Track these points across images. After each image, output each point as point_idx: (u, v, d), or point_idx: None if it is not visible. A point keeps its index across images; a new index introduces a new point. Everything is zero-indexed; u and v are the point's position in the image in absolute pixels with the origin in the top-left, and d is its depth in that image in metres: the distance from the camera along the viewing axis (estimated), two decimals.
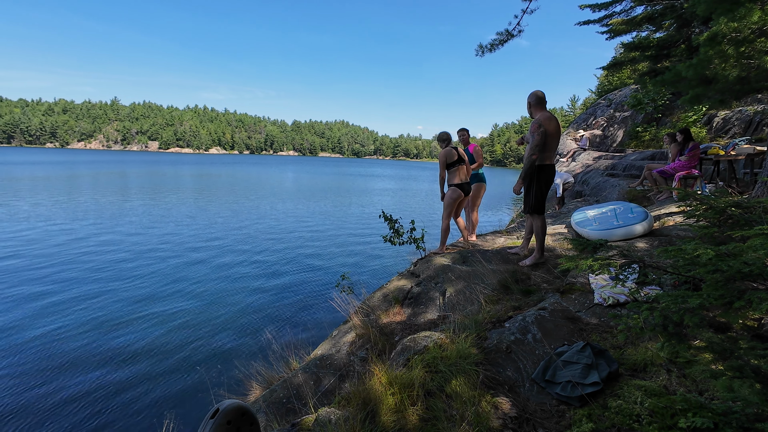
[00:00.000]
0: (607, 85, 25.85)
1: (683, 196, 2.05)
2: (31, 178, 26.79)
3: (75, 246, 9.98)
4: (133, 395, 4.22)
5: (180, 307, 6.53)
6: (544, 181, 3.83)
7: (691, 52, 9.62)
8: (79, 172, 34.21)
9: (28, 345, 5.17)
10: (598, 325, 2.52)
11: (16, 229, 11.51)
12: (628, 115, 16.13)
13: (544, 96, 3.80)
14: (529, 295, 3.24)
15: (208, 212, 16.15)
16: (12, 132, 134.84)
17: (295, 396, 2.78)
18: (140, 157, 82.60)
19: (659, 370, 1.91)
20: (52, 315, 6.05)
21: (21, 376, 4.50)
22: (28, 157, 62.49)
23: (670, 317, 1.21)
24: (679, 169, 6.38)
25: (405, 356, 2.42)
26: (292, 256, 10.01)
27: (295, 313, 6.55)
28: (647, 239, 4.10)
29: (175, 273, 8.28)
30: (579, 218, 5.00)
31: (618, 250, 1.72)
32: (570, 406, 1.84)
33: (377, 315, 3.69)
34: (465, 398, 1.85)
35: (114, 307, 6.44)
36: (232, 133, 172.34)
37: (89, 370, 4.66)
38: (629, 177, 9.42)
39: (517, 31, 6.06)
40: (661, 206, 5.90)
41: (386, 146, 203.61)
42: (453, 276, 3.99)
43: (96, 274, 7.96)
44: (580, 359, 2.02)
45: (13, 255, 8.99)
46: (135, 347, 5.21)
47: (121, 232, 11.80)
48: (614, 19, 12.99)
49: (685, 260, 1.27)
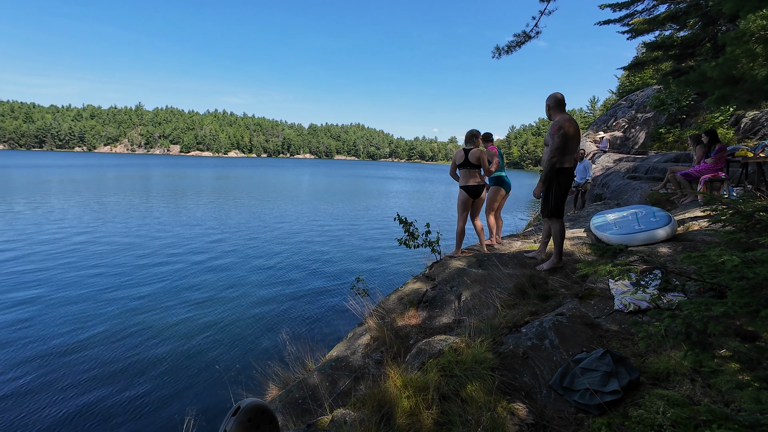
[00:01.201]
0: (629, 86, 25.23)
1: (709, 199, 1.99)
2: (71, 180, 27.95)
3: (97, 247, 10.35)
4: (155, 392, 4.35)
5: (198, 308, 6.69)
6: (564, 185, 3.78)
7: (716, 51, 9.30)
8: (111, 174, 35.49)
9: (52, 347, 5.39)
10: (619, 332, 2.46)
11: (26, 230, 12.02)
12: (651, 116, 15.70)
13: (563, 98, 3.77)
14: (546, 300, 3.19)
15: (226, 215, 16.49)
16: (43, 137, 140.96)
17: (310, 397, 2.81)
18: (163, 161, 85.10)
19: (683, 379, 1.86)
20: (83, 316, 6.29)
21: (49, 374, 4.69)
22: (60, 160, 65.22)
23: (694, 325, 1.18)
24: (704, 171, 6.18)
25: (420, 359, 2.42)
26: (307, 259, 10.12)
27: (311, 314, 6.61)
28: (670, 244, 3.98)
29: (193, 275, 8.49)
30: (599, 222, 4.89)
31: (639, 255, 1.68)
32: (589, 414, 1.80)
33: (392, 318, 3.70)
34: (480, 403, 1.84)
35: (135, 306, 6.65)
36: (250, 136, 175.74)
37: (113, 367, 4.82)
38: (652, 180, 9.16)
39: (534, 33, 5.99)
40: (685, 210, 5.72)
41: (401, 149, 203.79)
42: (468, 280, 3.96)
43: (117, 277, 8.23)
44: (599, 367, 1.98)
45: (20, 256, 9.39)
46: (156, 347, 5.36)
47: (141, 234, 12.17)
48: (636, 19, 12.68)
49: (709, 267, 1.24)
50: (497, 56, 6.24)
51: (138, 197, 20.98)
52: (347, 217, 17.24)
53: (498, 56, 6.25)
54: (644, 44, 13.19)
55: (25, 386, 4.39)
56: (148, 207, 17.54)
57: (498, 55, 6.24)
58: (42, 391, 4.30)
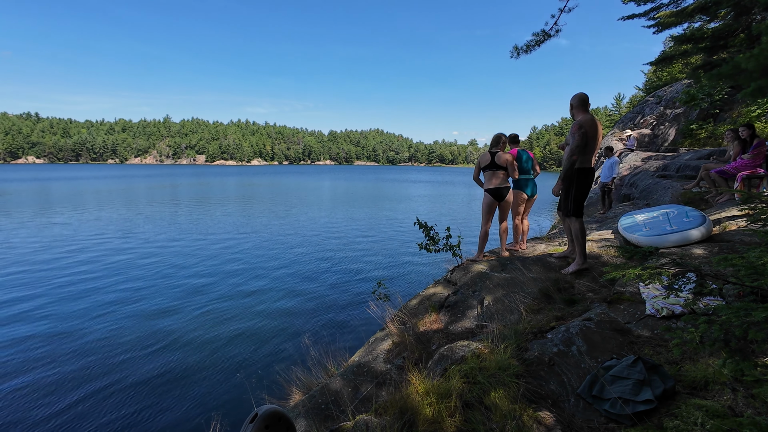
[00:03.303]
0: (656, 81, 24.26)
1: (747, 197, 1.89)
2: (113, 191, 29.38)
3: (120, 256, 10.79)
4: (181, 399, 4.46)
5: (221, 315, 6.85)
6: (585, 185, 3.76)
7: (751, 41, 8.84)
8: (144, 185, 37.08)
9: (82, 353, 5.63)
10: (651, 338, 2.35)
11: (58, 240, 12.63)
12: (681, 112, 15.04)
13: (587, 98, 3.77)
14: (572, 305, 3.09)
15: (249, 220, 16.86)
16: (79, 150, 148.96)
17: (333, 402, 2.81)
18: (190, 170, 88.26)
19: (723, 389, 1.75)
20: (109, 318, 6.57)
21: (68, 382, 4.90)
22: (97, 172, 68.70)
23: (733, 331, 1.11)
24: (741, 168, 5.86)
25: (442, 365, 2.39)
26: (328, 264, 10.20)
27: (332, 319, 6.65)
28: (705, 245, 3.78)
29: (214, 283, 8.70)
30: (627, 223, 4.71)
31: (670, 257, 1.60)
32: (620, 424, 1.72)
33: (413, 323, 3.67)
34: (505, 411, 1.79)
35: (158, 312, 6.87)
36: (272, 144, 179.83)
37: (141, 370, 4.99)
38: (683, 178, 8.75)
39: (554, 31, 5.86)
40: (721, 209, 5.43)
41: (421, 153, 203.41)
42: (491, 284, 3.89)
43: (138, 285, 8.54)
44: (630, 374, 1.89)
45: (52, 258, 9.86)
46: (181, 353, 5.52)
47: (163, 239, 12.60)
48: (662, 12, 12.20)
49: (748, 269, 1.16)
50: (516, 56, 6.13)
51: (167, 206, 21.78)
52: (368, 222, 17.30)
53: (517, 56, 6.14)
54: (672, 38, 12.66)
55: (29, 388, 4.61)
56: (173, 215, 18.17)
57: (517, 55, 6.13)
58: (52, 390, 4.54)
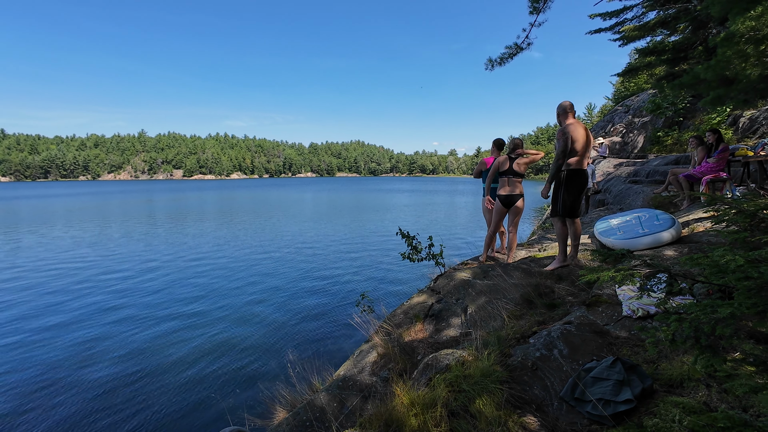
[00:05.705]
0: (624, 91, 25.43)
1: (710, 200, 1.98)
2: (82, 209, 28.25)
3: (92, 272, 10.37)
4: (156, 417, 4.27)
5: (199, 330, 6.63)
6: (573, 186, 3.93)
7: (709, 53, 9.41)
8: (116, 201, 35.86)
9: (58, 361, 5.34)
10: (629, 338, 2.41)
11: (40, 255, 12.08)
12: (648, 120, 15.77)
13: (569, 105, 3.99)
14: (553, 309, 3.15)
15: (229, 234, 16.52)
16: (48, 167, 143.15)
17: (318, 419, 2.75)
18: (166, 185, 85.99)
19: (698, 385, 1.81)
20: (81, 336, 6.26)
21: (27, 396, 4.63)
22: (66, 190, 66.05)
23: (702, 328, 1.16)
24: (706, 172, 6.16)
25: (427, 375, 2.38)
26: (312, 276, 10.07)
27: (317, 333, 6.54)
28: (676, 247, 3.94)
29: (193, 298, 8.45)
30: (602, 227, 4.86)
31: (642, 259, 1.66)
32: (603, 425, 1.75)
33: (398, 333, 3.65)
34: (490, 418, 1.80)
35: (138, 327, 6.60)
36: (252, 158, 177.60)
37: (113, 389, 4.75)
38: (653, 183, 9.13)
39: (526, 44, 6.08)
40: (689, 212, 5.68)
41: (402, 163, 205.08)
42: (474, 292, 3.92)
43: (113, 298, 8.22)
44: (610, 375, 1.93)
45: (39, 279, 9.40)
46: (158, 370, 5.30)
47: (139, 257, 12.20)
48: (626, 26, 12.85)
49: (713, 268, 1.22)
50: (490, 68, 6.33)
51: (140, 223, 21.13)
52: (350, 233, 17.23)
53: (491, 68, 6.33)
54: (636, 50, 13.34)
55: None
56: (147, 232, 17.63)
57: (491, 67, 6.33)
58: None
